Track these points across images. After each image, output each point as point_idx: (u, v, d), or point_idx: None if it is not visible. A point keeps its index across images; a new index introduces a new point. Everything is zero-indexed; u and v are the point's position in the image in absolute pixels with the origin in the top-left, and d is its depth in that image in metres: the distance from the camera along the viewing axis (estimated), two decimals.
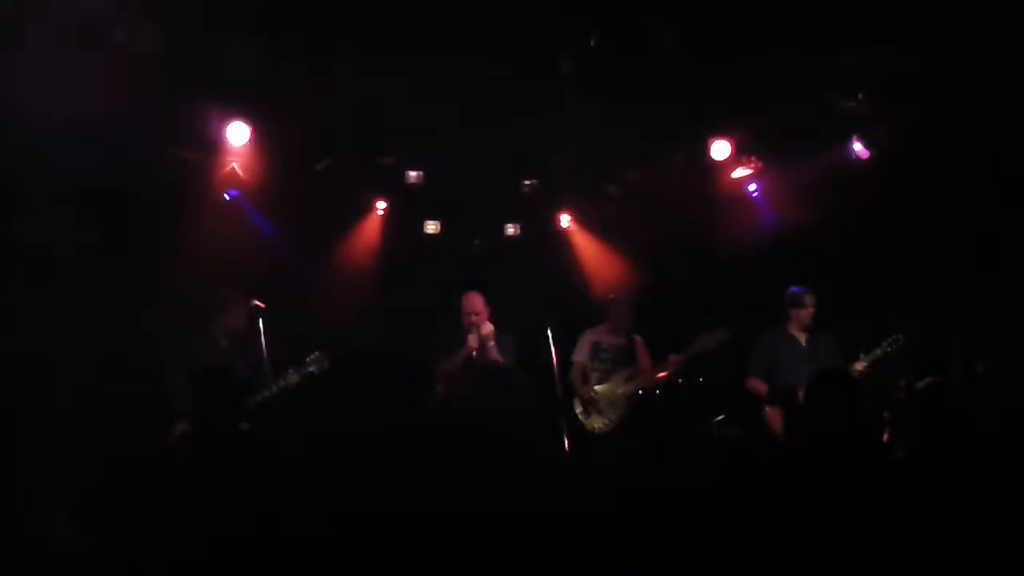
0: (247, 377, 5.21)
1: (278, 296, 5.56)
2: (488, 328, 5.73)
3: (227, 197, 6.25)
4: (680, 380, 6.66)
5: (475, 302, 5.85)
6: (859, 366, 5.69)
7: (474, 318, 5.78)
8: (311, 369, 5.25)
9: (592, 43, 5.35)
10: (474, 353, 5.72)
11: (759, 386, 5.89)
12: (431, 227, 7.22)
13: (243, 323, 5.35)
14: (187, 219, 5.97)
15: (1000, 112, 5.31)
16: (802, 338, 5.94)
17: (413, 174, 6.87)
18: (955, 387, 4.10)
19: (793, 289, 5.96)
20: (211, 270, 5.71)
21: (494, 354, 5.70)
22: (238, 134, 5.98)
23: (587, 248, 7.52)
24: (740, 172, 6.75)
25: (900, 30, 5.05)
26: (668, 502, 2.91)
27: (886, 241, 6.27)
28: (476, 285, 6.06)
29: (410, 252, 7.28)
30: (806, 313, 5.89)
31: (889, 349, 5.74)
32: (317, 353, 5.31)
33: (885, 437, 3.68)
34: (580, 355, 6.38)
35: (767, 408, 5.78)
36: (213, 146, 6.03)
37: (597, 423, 6.25)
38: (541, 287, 7.16)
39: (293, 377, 5.18)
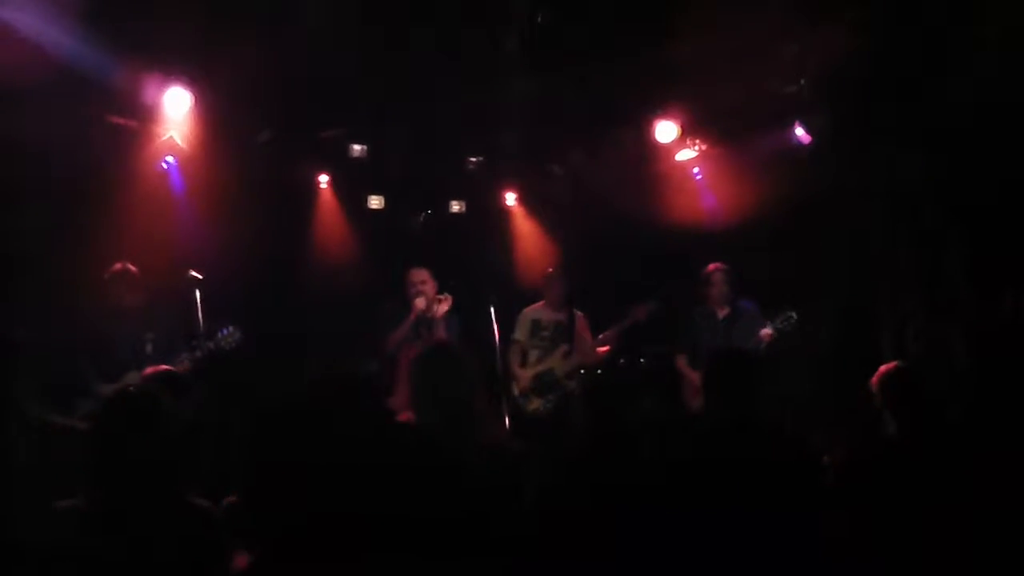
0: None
1: (212, 269, 5.46)
2: (446, 302, 5.70)
3: (164, 166, 6.08)
4: (621, 360, 6.71)
5: (422, 273, 5.83)
6: (764, 332, 5.81)
7: (420, 287, 5.76)
8: (220, 344, 5.15)
9: (539, 20, 5.33)
10: (423, 311, 5.66)
11: (682, 365, 6.08)
12: (375, 202, 7.14)
13: (129, 292, 5.20)
14: (121, 188, 5.80)
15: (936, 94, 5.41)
16: (720, 314, 6.09)
17: (357, 148, 6.78)
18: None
19: (707, 268, 6.13)
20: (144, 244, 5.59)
21: (440, 328, 5.70)
22: (177, 102, 5.81)
23: (528, 228, 7.52)
24: (685, 154, 6.80)
25: (842, 16, 5.12)
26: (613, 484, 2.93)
27: (828, 224, 6.39)
28: (420, 262, 6.03)
29: (353, 227, 7.20)
30: (715, 290, 6.07)
31: (781, 326, 5.82)
32: (230, 328, 5.21)
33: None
34: (520, 333, 6.35)
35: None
36: (150, 113, 5.85)
37: (536, 404, 6.22)
38: (485, 265, 7.15)
39: (185, 362, 5.02)
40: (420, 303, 5.68)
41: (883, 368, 3.84)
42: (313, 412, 2.34)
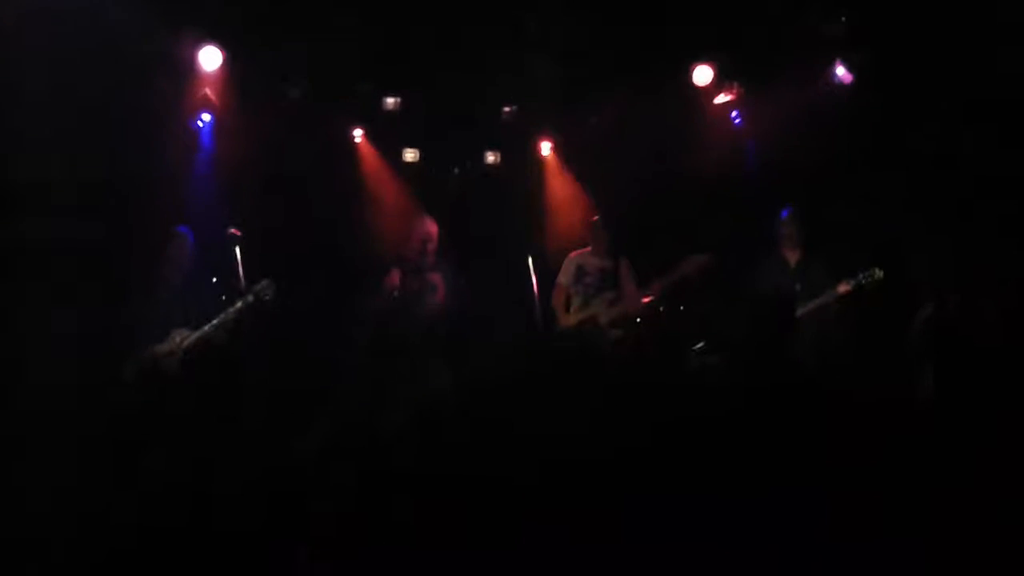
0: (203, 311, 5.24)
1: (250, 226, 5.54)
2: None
3: (199, 124, 6.13)
4: (661, 308, 6.66)
5: (431, 228, 5.85)
6: (843, 288, 5.67)
7: (428, 246, 5.80)
8: (259, 297, 5.24)
9: None
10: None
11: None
12: (409, 155, 7.11)
13: (184, 257, 5.30)
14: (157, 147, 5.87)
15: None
16: (792, 260, 5.99)
17: (391, 100, 6.74)
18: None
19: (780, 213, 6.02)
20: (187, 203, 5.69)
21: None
22: (210, 59, 5.84)
23: (564, 178, 7.44)
24: (722, 98, 6.68)
25: None
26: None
27: (869, 166, 6.26)
28: (457, 213, 6.06)
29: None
30: (788, 233, 5.95)
31: (864, 282, 5.67)
32: (265, 281, 5.29)
33: None
34: (564, 277, 6.33)
35: None
36: (186, 72, 5.89)
37: None
38: (522, 216, 7.12)
39: (229, 315, 5.19)
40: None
41: (923, 317, 3.79)
42: None
